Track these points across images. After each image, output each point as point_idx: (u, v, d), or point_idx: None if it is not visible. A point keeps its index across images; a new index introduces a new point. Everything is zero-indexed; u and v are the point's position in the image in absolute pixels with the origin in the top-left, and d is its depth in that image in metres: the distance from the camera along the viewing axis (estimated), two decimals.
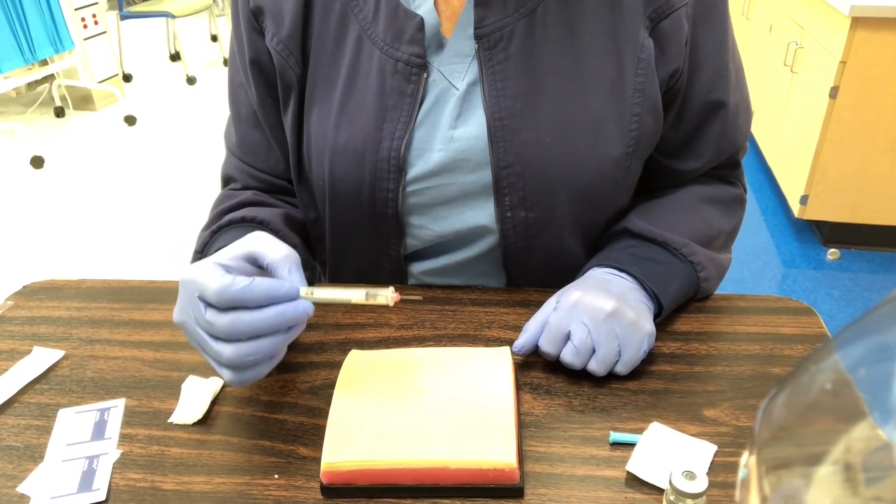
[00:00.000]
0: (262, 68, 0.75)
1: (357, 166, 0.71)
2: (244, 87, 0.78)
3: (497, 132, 0.69)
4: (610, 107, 0.69)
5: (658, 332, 0.70)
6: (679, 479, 0.48)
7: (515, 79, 0.68)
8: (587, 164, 0.70)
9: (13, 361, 0.69)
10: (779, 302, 0.75)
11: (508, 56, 0.68)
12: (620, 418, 0.61)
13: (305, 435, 0.60)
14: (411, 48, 0.69)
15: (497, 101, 0.68)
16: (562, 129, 0.69)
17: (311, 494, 0.55)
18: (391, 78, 0.70)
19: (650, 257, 0.71)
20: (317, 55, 0.72)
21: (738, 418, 0.61)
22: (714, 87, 0.73)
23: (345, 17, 0.71)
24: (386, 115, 0.70)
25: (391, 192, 0.71)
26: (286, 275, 0.55)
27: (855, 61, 2.18)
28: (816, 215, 2.47)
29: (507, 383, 0.60)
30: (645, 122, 0.71)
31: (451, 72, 0.70)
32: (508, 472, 0.53)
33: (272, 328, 0.53)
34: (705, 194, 0.79)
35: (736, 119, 0.76)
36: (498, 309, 0.75)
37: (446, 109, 0.70)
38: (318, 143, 0.73)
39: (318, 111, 0.73)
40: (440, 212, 0.74)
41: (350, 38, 0.71)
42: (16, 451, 0.59)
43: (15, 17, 3.32)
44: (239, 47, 0.76)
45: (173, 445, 0.59)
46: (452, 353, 0.64)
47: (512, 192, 0.70)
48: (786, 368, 0.66)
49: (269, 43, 0.72)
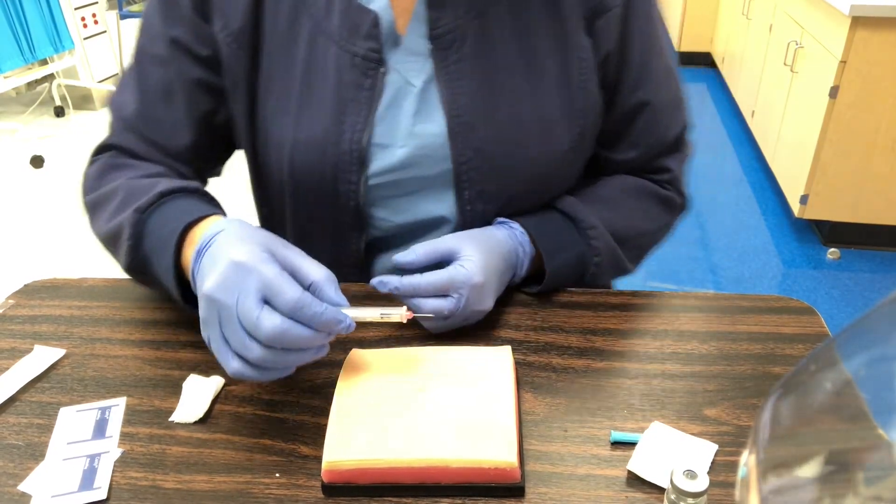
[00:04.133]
0: (197, 53, 0.74)
1: (319, 158, 0.72)
2: (161, 61, 0.74)
3: (456, 129, 0.71)
4: (557, 104, 0.74)
5: (658, 331, 0.71)
6: (680, 479, 0.49)
7: (470, 78, 0.71)
8: (539, 158, 0.74)
9: (14, 360, 0.69)
10: (779, 301, 0.75)
11: (462, 57, 0.71)
12: (621, 417, 0.61)
13: (307, 433, 0.60)
14: (368, 43, 0.70)
15: (455, 100, 0.71)
16: (515, 126, 0.72)
17: (313, 493, 0.55)
18: (348, 72, 0.71)
19: (555, 227, 0.76)
20: (270, 49, 0.72)
21: (739, 417, 0.61)
22: (638, 86, 0.77)
23: (296, 12, 0.71)
24: (346, 108, 0.71)
25: (353, 184, 0.73)
26: (333, 296, 0.56)
27: (855, 61, 2.18)
28: (816, 215, 2.47)
29: (507, 382, 0.60)
30: (588, 116, 0.76)
31: (407, 70, 0.72)
32: (509, 471, 0.53)
33: (310, 346, 0.55)
34: (632, 186, 0.83)
35: (662, 116, 0.80)
36: (498, 308, 0.75)
37: (405, 105, 0.72)
38: (277, 137, 0.73)
39: (276, 105, 0.73)
40: (401, 204, 0.76)
41: (303, 32, 0.71)
42: (17, 449, 0.59)
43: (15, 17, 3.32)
44: (166, 24, 0.73)
45: (174, 444, 0.59)
46: (453, 352, 0.64)
47: (471, 186, 0.73)
48: (786, 368, 0.66)
49: (219, 34, 0.72)
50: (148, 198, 0.67)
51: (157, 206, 0.67)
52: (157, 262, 0.64)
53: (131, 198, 0.68)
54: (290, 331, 0.52)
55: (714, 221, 2.73)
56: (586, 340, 0.70)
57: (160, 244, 0.64)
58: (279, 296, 0.52)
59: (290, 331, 0.52)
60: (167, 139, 0.76)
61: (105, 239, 0.72)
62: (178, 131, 0.76)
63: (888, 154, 2.29)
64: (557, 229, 0.76)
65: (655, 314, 0.74)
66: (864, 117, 2.25)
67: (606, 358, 0.68)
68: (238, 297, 0.52)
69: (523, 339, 0.71)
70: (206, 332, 0.56)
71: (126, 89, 0.77)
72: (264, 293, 0.52)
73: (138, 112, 0.76)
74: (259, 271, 0.53)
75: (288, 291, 0.52)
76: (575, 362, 0.67)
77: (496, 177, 0.73)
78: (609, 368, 0.67)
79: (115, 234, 0.68)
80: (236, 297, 0.53)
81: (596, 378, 0.65)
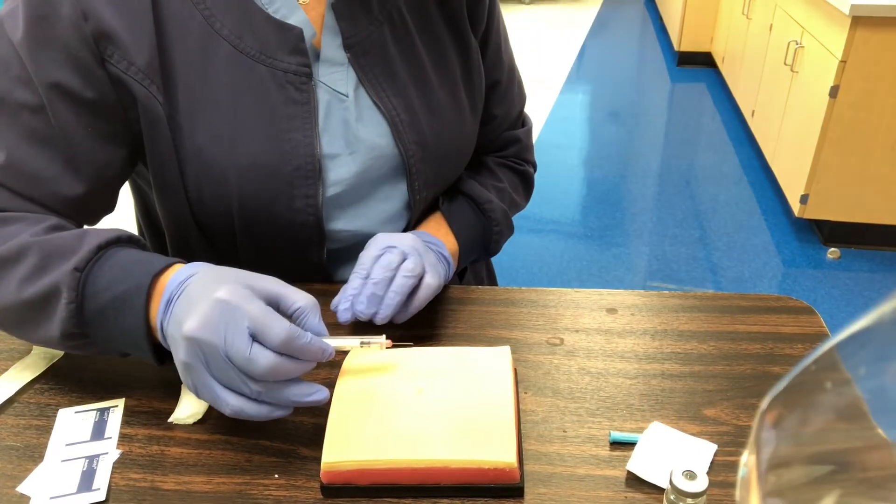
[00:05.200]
0: (81, 96, 0.65)
1: (270, 180, 0.70)
2: (33, 109, 0.65)
3: (398, 127, 0.75)
4: (463, 90, 0.81)
5: (658, 331, 0.71)
6: (679, 479, 0.48)
7: (393, 78, 0.75)
8: (459, 141, 0.82)
9: (12, 361, 0.69)
10: (779, 301, 0.75)
11: (383, 61, 0.74)
12: (620, 417, 0.61)
13: (306, 434, 0.60)
14: (296, 58, 0.69)
15: (388, 100, 0.74)
16: (438, 115, 0.78)
17: (312, 494, 0.55)
18: (281, 89, 0.69)
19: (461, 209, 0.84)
20: (186, 79, 0.68)
21: (739, 417, 0.61)
22: (495, 66, 0.87)
23: (207, 36, 0.68)
24: (289, 124, 0.70)
25: (311, 198, 0.72)
26: (316, 324, 0.56)
27: (855, 61, 2.18)
28: (817, 215, 2.47)
29: (506, 382, 0.60)
30: (482, 97, 0.85)
31: (333, 80, 0.73)
32: (508, 472, 0.53)
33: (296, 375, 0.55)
34: (497, 162, 0.93)
35: (508, 93, 0.91)
36: (497, 308, 0.75)
37: (342, 114, 0.73)
38: (214, 169, 0.69)
39: (206, 136, 0.69)
40: (357, 209, 0.77)
41: (220, 55, 0.68)
42: (15, 450, 0.59)
43: None
44: (39, 66, 0.64)
45: (173, 445, 0.59)
46: (452, 353, 0.64)
47: (419, 176, 0.78)
48: (786, 367, 0.66)
49: (125, 73, 0.65)
50: (83, 254, 0.59)
51: (95, 261, 0.59)
52: (113, 321, 0.58)
53: (55, 255, 0.60)
54: (282, 365, 0.52)
55: (714, 221, 2.73)
56: (586, 340, 0.70)
57: (118, 302, 0.57)
58: (268, 331, 0.51)
59: (281, 365, 0.52)
60: (48, 194, 0.67)
61: (18, 306, 0.61)
62: (60, 184, 0.67)
63: (888, 154, 2.29)
64: (464, 210, 0.85)
65: (655, 314, 0.74)
66: (865, 117, 2.25)
67: (606, 358, 0.68)
68: (225, 336, 0.51)
69: (522, 340, 0.70)
70: (191, 378, 0.53)
71: None
72: (252, 330, 0.52)
73: (8, 167, 0.65)
74: (245, 309, 0.52)
75: (276, 327, 0.52)
76: (574, 362, 0.67)
77: (436, 164, 0.79)
78: (608, 368, 0.67)
79: (42, 299, 0.59)
80: (223, 336, 0.51)
81: (595, 378, 0.65)
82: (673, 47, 4.73)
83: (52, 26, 0.63)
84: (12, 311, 0.62)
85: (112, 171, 0.71)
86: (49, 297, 0.59)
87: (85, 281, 0.58)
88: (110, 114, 0.68)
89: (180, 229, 0.76)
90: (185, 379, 0.54)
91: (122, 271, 0.59)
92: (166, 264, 0.59)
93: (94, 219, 0.74)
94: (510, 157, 0.95)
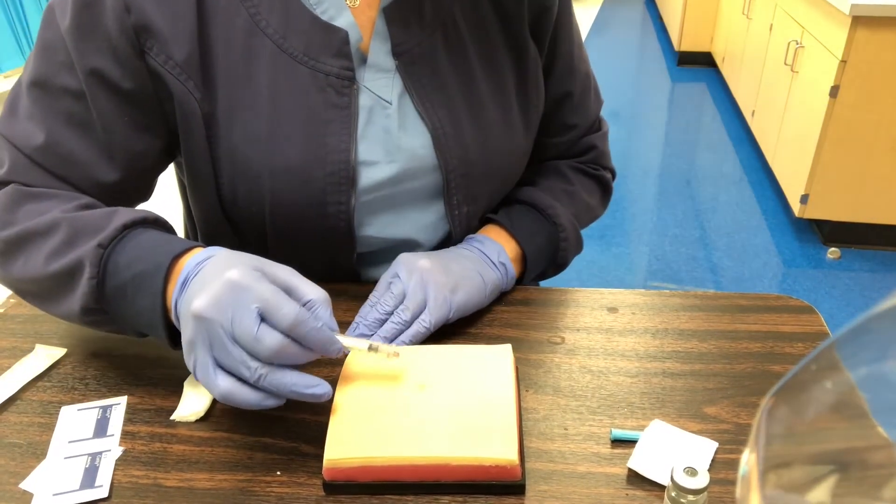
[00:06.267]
0: (119, 86, 0.66)
1: (303, 185, 0.69)
2: (75, 94, 0.66)
3: (441, 140, 0.73)
4: (517, 103, 0.78)
5: (658, 329, 0.71)
6: (681, 476, 0.49)
7: (442, 90, 0.73)
8: (508, 156, 0.79)
9: (15, 359, 0.69)
10: (779, 300, 0.76)
11: (432, 71, 0.72)
12: (621, 415, 0.61)
13: (308, 431, 0.60)
14: (339, 61, 0.68)
15: (434, 112, 0.72)
16: (487, 129, 0.75)
17: (314, 491, 0.55)
18: (321, 92, 0.68)
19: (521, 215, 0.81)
20: (226, 77, 0.68)
21: (739, 416, 0.61)
22: (565, 76, 0.84)
23: (251, 34, 0.67)
24: (325, 129, 0.69)
25: (343, 204, 0.71)
26: (328, 317, 0.55)
27: (855, 60, 2.18)
28: (817, 214, 2.47)
29: (508, 380, 0.60)
30: (539, 111, 0.82)
31: (378, 87, 0.71)
32: (510, 469, 0.53)
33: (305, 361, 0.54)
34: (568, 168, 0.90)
35: (584, 101, 0.88)
36: (498, 307, 0.75)
37: (384, 121, 0.72)
38: (249, 169, 0.69)
39: (243, 134, 0.68)
40: (390, 217, 0.76)
41: (263, 54, 0.68)
42: (18, 448, 0.59)
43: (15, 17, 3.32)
44: (82, 52, 0.65)
45: (175, 442, 0.60)
46: (453, 351, 0.64)
47: (458, 192, 0.76)
48: (786, 366, 0.66)
49: (163, 66, 0.66)
50: (109, 231, 0.60)
51: (119, 240, 0.61)
52: (131, 300, 0.59)
53: (83, 232, 0.61)
54: (289, 347, 0.52)
55: (714, 221, 2.73)
56: (587, 339, 0.70)
57: (137, 280, 0.58)
58: (277, 311, 0.51)
59: (288, 347, 0.52)
60: (83, 177, 0.68)
61: (45, 278, 0.62)
62: (95, 169, 0.68)
63: (888, 154, 2.29)
64: (524, 217, 0.81)
65: (656, 313, 0.74)
66: (865, 117, 2.25)
67: (607, 356, 0.68)
68: (233, 316, 0.51)
69: (523, 338, 0.71)
70: (191, 355, 0.54)
71: (24, 121, 0.67)
72: (261, 310, 0.51)
73: (46, 147, 0.67)
74: (255, 289, 0.52)
75: (286, 307, 0.51)
76: (575, 361, 0.68)
77: (479, 180, 0.76)
78: (609, 367, 0.67)
79: (67, 273, 0.61)
80: (230, 316, 0.51)
81: (596, 376, 0.65)
82: (673, 47, 4.73)
83: (97, 15, 0.64)
84: (38, 284, 0.64)
85: (147, 161, 0.72)
86: (73, 271, 0.61)
87: (107, 258, 0.60)
88: (147, 105, 0.68)
89: (211, 225, 0.77)
90: (186, 357, 0.54)
91: (143, 251, 0.60)
92: (187, 247, 0.60)
93: (129, 205, 0.74)
94: (587, 162, 0.91)
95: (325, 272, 0.75)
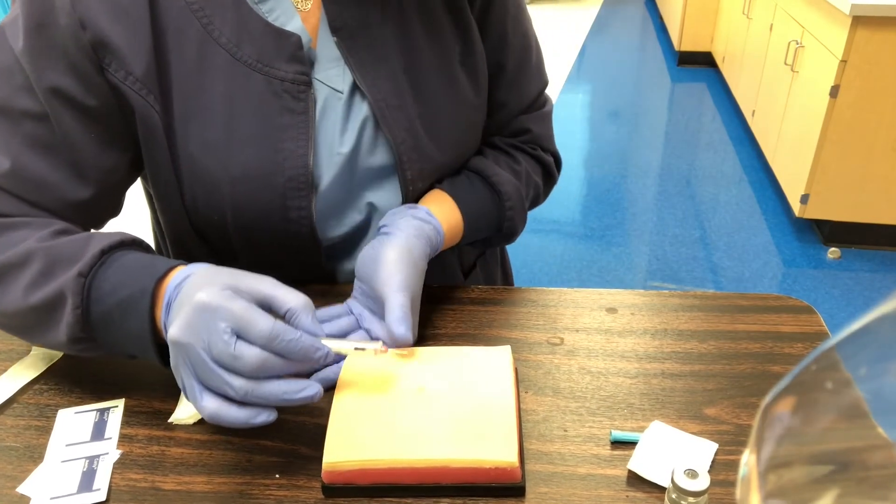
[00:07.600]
0: (82, 103, 0.65)
1: (262, 191, 0.69)
2: (36, 116, 0.65)
3: (385, 111, 0.72)
4: (465, 73, 0.77)
5: (658, 330, 0.71)
6: (681, 477, 0.48)
7: (384, 61, 0.72)
8: (458, 127, 0.78)
9: (12, 362, 0.69)
10: (779, 300, 0.75)
11: (371, 42, 0.71)
12: (621, 417, 0.61)
13: (306, 434, 0.60)
14: (293, 66, 0.68)
15: (375, 85, 0.71)
16: (435, 101, 0.75)
17: (313, 494, 0.55)
18: (277, 98, 0.68)
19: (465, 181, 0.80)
20: (181, 87, 0.67)
21: (739, 416, 0.61)
22: (497, 50, 0.81)
23: (205, 43, 0.67)
24: (283, 134, 0.68)
25: (304, 209, 0.71)
26: (309, 325, 0.54)
27: (856, 60, 2.18)
28: (817, 214, 2.47)
29: (507, 382, 0.60)
30: (485, 82, 0.80)
31: (329, 77, 0.71)
32: (510, 471, 0.53)
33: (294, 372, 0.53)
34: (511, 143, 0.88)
35: (519, 78, 0.85)
36: (498, 308, 0.75)
37: (335, 114, 0.72)
38: (207, 177, 0.69)
39: (200, 144, 0.68)
40: (350, 211, 0.76)
41: (217, 63, 0.67)
42: (15, 451, 0.59)
43: None
44: (40, 72, 0.64)
45: (173, 445, 0.59)
46: (453, 352, 0.64)
47: (411, 165, 0.74)
48: (786, 367, 0.66)
49: (122, 82, 0.65)
50: (88, 259, 0.59)
51: (99, 266, 0.59)
52: (119, 325, 0.58)
53: (59, 261, 0.60)
54: (270, 360, 0.51)
55: (714, 221, 2.73)
56: (586, 340, 0.70)
57: (124, 306, 0.57)
58: (252, 328, 0.50)
59: (269, 360, 0.51)
60: (54, 199, 0.67)
61: (25, 311, 0.61)
62: (65, 189, 0.68)
63: (888, 154, 2.29)
64: (464, 180, 0.80)
65: (655, 313, 0.74)
66: (865, 117, 2.25)
67: (606, 357, 0.68)
68: (208, 339, 0.51)
69: (523, 339, 0.70)
70: (179, 379, 0.54)
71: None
72: (235, 328, 0.51)
73: (13, 174, 0.65)
74: (225, 307, 0.51)
75: (260, 323, 0.50)
76: (575, 362, 0.67)
77: (430, 153, 0.75)
78: (609, 368, 0.67)
79: (49, 304, 0.60)
80: (205, 338, 0.51)
81: (596, 377, 0.65)
82: (673, 47, 4.73)
83: (51, 35, 0.63)
84: (20, 317, 0.62)
85: (117, 175, 0.71)
86: (55, 303, 0.59)
87: (90, 286, 0.58)
88: (112, 120, 0.68)
89: (179, 234, 0.76)
90: (176, 378, 0.54)
91: (125, 275, 0.59)
92: (169, 267, 0.59)
93: (100, 222, 0.74)
94: (524, 143, 0.89)
95: (296, 274, 0.75)
